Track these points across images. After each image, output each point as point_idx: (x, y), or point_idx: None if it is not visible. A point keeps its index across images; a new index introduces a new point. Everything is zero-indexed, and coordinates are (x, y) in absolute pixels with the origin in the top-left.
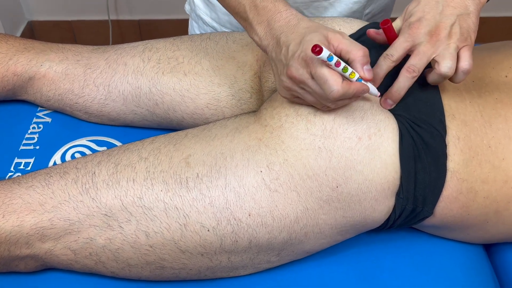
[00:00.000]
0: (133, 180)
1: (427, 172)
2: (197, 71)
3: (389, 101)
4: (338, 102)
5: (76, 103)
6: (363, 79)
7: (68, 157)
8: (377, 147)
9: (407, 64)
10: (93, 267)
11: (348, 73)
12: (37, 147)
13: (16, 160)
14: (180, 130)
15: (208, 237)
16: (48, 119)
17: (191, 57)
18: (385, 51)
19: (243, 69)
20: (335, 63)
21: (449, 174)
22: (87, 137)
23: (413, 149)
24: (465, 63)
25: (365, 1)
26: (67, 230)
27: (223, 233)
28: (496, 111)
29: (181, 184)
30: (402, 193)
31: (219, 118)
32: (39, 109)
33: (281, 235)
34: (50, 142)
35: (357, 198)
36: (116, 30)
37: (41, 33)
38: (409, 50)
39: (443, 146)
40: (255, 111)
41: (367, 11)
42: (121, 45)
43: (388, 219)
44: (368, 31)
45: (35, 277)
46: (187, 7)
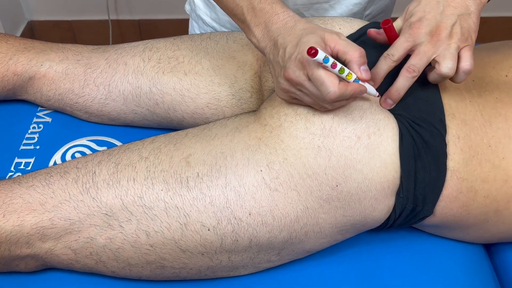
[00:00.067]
0: (134, 179)
1: (427, 171)
2: (197, 70)
3: (389, 100)
4: (335, 103)
5: (76, 103)
6: (360, 80)
7: (68, 157)
8: (376, 146)
9: (407, 64)
10: (94, 267)
11: (345, 74)
12: (37, 147)
13: (16, 160)
14: (180, 129)
15: (208, 236)
16: (48, 119)
17: (191, 57)
18: (386, 51)
19: (243, 69)
20: (331, 64)
21: (449, 173)
22: (87, 137)
23: (413, 148)
24: (466, 63)
25: (365, 2)
26: (67, 229)
27: (223, 233)
28: (496, 110)
29: (182, 183)
30: (402, 192)
31: (219, 117)
32: (39, 109)
33: (282, 234)
34: (50, 142)
35: (357, 197)
36: (116, 30)
37: (41, 33)
38: (410, 50)
39: (443, 145)
40: (255, 111)
41: (367, 12)
42: (122, 45)
43: (388, 219)
44: (369, 31)
45: (35, 277)
46: (187, 7)
